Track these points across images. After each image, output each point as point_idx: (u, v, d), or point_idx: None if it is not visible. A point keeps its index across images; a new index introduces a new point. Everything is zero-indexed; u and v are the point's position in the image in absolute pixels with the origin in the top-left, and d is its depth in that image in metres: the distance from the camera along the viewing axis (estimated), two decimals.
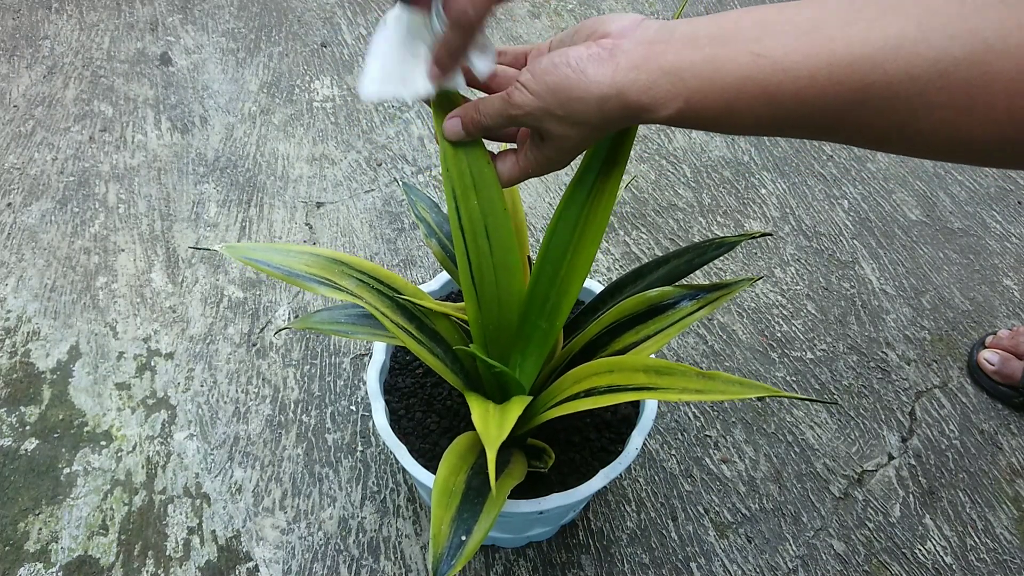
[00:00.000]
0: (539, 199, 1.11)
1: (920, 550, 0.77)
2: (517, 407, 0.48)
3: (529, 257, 0.62)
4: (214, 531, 0.75)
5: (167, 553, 0.73)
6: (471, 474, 0.52)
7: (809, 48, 0.35)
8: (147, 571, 0.72)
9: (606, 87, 0.40)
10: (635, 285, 0.61)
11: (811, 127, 0.37)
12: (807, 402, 0.88)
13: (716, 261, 1.04)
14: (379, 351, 0.68)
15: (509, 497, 0.59)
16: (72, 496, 0.77)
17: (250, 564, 0.73)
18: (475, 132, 0.47)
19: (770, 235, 1.00)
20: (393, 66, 0.46)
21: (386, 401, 0.66)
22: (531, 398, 0.53)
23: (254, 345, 0.91)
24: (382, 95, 0.46)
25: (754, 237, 0.57)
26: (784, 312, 0.98)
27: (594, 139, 0.44)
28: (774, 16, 0.37)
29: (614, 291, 0.62)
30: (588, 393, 0.51)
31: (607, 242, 1.05)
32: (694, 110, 0.39)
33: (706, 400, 0.44)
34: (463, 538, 0.47)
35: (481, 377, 0.58)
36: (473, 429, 0.58)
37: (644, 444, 0.84)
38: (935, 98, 0.33)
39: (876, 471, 0.83)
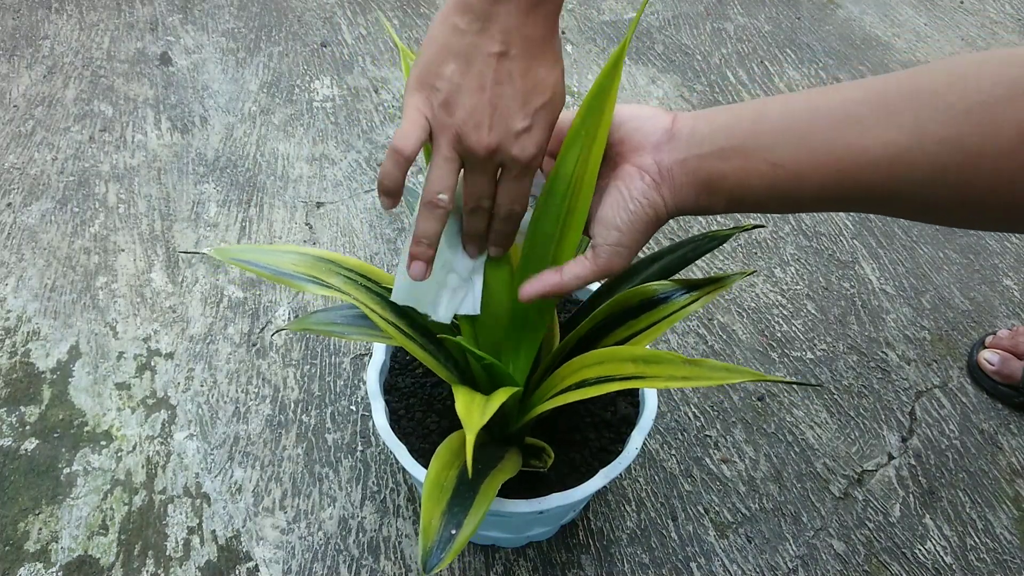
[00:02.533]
0: None
1: (920, 550, 0.77)
2: (502, 396, 0.48)
3: None
4: (214, 531, 0.75)
5: (167, 553, 0.74)
6: (463, 470, 0.52)
7: (818, 158, 0.40)
8: (147, 571, 0.72)
9: (669, 208, 0.46)
10: (630, 281, 0.61)
11: (837, 209, 0.43)
12: (806, 400, 0.88)
13: (716, 263, 1.04)
14: (379, 351, 0.68)
15: (508, 497, 0.59)
16: (72, 496, 0.77)
17: (250, 564, 0.73)
18: (556, 296, 0.51)
19: (763, 227, 1.00)
20: (419, 289, 0.52)
21: (386, 401, 0.66)
22: (517, 389, 0.53)
23: (254, 345, 0.91)
24: (408, 303, 0.53)
25: (747, 229, 0.57)
26: (784, 312, 0.98)
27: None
28: (778, 123, 0.42)
29: (611, 288, 0.62)
30: (579, 385, 0.51)
31: None
32: (735, 206, 0.45)
33: (694, 386, 0.45)
34: (453, 532, 0.48)
35: (473, 371, 0.58)
36: None
37: (644, 444, 0.84)
38: (937, 193, 0.38)
39: (876, 471, 0.83)
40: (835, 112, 0.40)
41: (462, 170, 0.47)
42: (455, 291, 0.52)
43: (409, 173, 1.13)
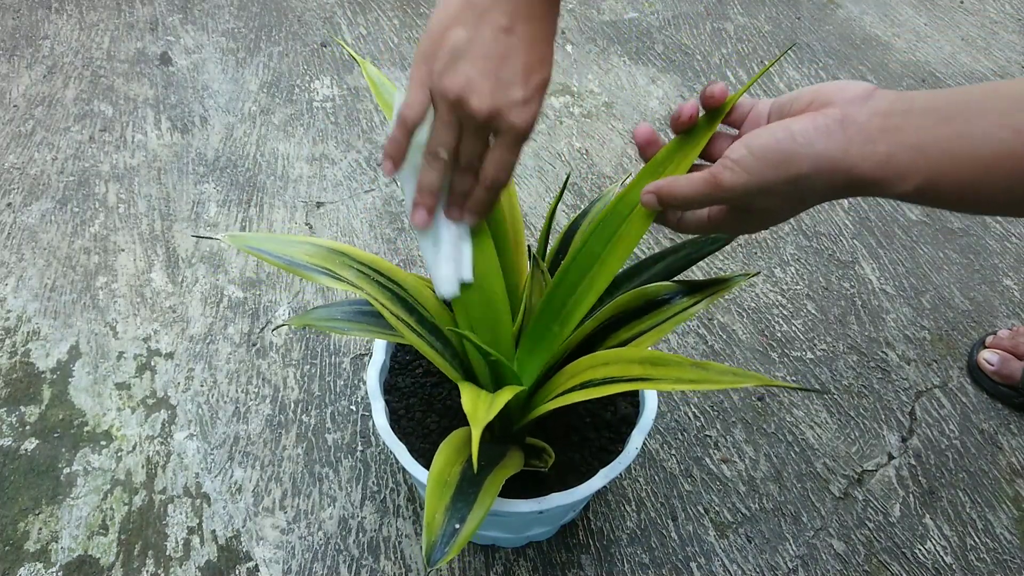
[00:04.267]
0: (539, 200, 1.11)
1: (920, 550, 0.77)
2: (508, 393, 0.48)
3: (530, 247, 0.62)
4: (214, 531, 0.75)
5: (167, 553, 0.73)
6: (466, 466, 0.52)
7: None
8: (147, 571, 0.72)
9: (837, 161, 0.38)
10: (632, 281, 0.61)
11: None
12: (805, 400, 0.88)
13: (717, 262, 1.04)
14: (379, 351, 0.68)
15: (508, 497, 0.59)
16: (72, 496, 0.77)
17: (250, 564, 0.73)
18: (672, 207, 0.47)
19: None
20: (435, 271, 0.54)
21: (386, 401, 0.66)
22: (523, 388, 0.53)
23: (254, 345, 0.91)
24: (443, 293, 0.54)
25: None
26: (784, 312, 0.98)
27: (805, 209, 0.42)
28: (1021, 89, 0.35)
29: (612, 287, 0.62)
30: (584, 386, 0.51)
31: None
32: (936, 187, 0.36)
33: (700, 389, 0.45)
34: (456, 527, 0.48)
35: (476, 370, 0.58)
36: None
37: (644, 444, 0.84)
38: None
39: (876, 471, 0.83)
40: None
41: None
42: (449, 260, 0.53)
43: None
